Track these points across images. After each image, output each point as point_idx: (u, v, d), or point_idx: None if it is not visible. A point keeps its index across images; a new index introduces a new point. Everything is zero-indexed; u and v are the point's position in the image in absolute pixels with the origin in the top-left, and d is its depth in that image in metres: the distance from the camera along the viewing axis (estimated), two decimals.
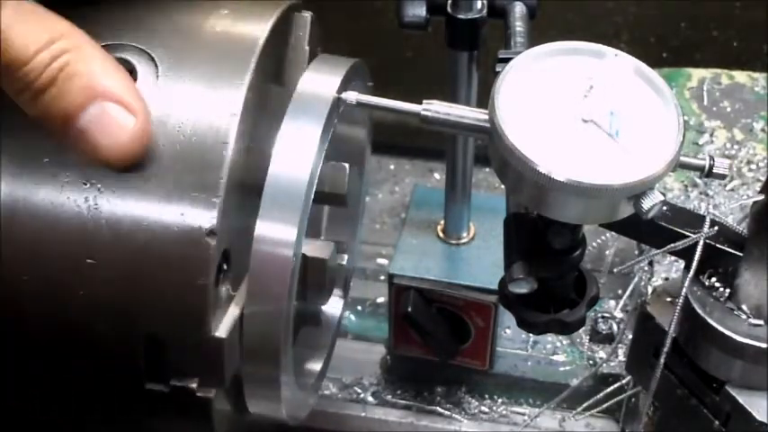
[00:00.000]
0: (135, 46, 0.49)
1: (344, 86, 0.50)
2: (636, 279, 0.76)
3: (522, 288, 0.51)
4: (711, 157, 0.48)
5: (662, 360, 0.53)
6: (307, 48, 0.54)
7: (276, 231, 0.47)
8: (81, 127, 0.43)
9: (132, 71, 0.48)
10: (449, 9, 0.59)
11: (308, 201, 0.47)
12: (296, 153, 0.48)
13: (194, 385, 0.48)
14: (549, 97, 0.47)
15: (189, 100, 0.48)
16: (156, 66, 0.48)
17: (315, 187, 0.48)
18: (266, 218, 0.47)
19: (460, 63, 0.62)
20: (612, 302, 0.78)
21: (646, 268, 0.73)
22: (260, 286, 0.47)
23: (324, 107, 0.49)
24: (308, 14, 0.54)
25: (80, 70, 0.42)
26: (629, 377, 0.66)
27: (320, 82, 0.50)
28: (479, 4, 0.59)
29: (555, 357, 0.76)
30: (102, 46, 0.46)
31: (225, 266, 0.48)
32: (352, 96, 0.50)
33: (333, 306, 0.65)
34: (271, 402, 0.51)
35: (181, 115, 0.47)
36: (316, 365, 0.63)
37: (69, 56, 0.42)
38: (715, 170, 0.48)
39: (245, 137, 0.48)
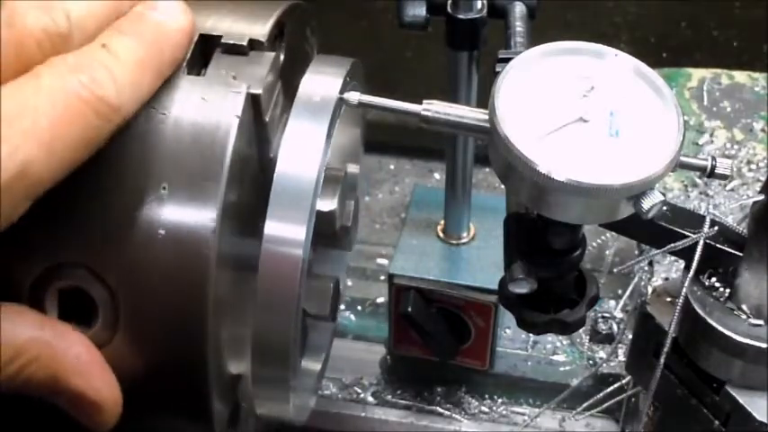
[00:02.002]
0: (90, 271, 0.46)
1: (345, 87, 0.50)
2: (636, 279, 0.76)
3: (522, 288, 0.51)
4: (713, 158, 0.48)
5: (662, 360, 0.53)
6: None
7: (285, 231, 0.47)
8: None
9: (92, 302, 0.46)
10: (449, 9, 0.59)
11: (315, 201, 0.47)
12: (302, 154, 0.48)
13: None
14: (549, 97, 0.47)
15: None
16: (112, 294, 0.46)
17: (320, 188, 0.48)
18: (275, 218, 0.47)
19: (460, 63, 0.62)
20: (612, 302, 0.78)
21: (646, 268, 0.73)
22: (270, 286, 0.47)
23: (327, 108, 0.49)
24: (270, 55, 0.49)
25: (45, 378, 0.44)
26: (629, 377, 0.66)
27: (322, 83, 0.50)
28: (479, 4, 0.59)
29: (555, 357, 0.76)
30: (50, 267, 0.46)
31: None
32: (354, 97, 0.50)
33: None
34: (279, 403, 0.51)
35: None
36: (315, 365, 0.63)
37: (33, 367, 0.43)
38: (717, 171, 0.48)
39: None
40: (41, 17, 0.43)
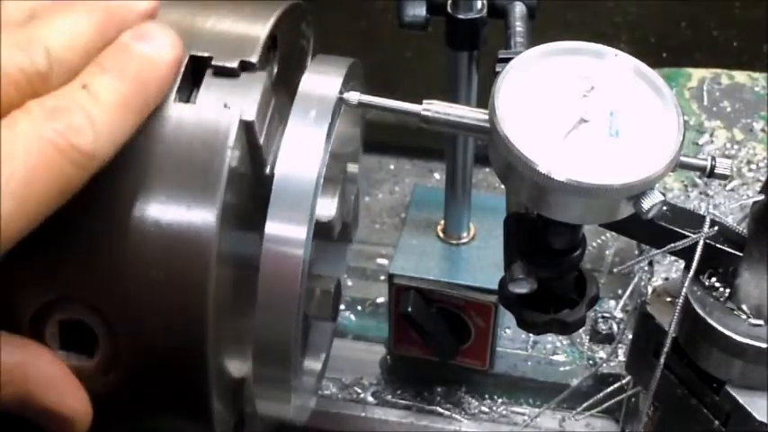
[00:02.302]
0: (87, 303, 0.46)
1: (345, 87, 0.50)
2: (636, 279, 0.76)
3: (522, 288, 0.51)
4: (713, 158, 0.48)
5: (662, 360, 0.53)
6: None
7: (286, 231, 0.47)
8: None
9: (92, 332, 0.47)
10: (449, 9, 0.59)
11: (315, 201, 0.47)
12: (303, 154, 0.48)
13: None
14: (549, 97, 0.47)
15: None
16: (110, 327, 0.46)
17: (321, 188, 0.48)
18: (276, 218, 0.47)
19: (460, 63, 0.62)
20: (612, 302, 0.78)
21: (646, 268, 0.73)
22: (271, 286, 0.47)
23: (327, 108, 0.49)
24: (263, 74, 0.48)
25: (19, 395, 0.45)
26: (629, 377, 0.66)
27: (322, 83, 0.50)
28: (479, 4, 0.59)
29: (555, 357, 0.76)
30: (49, 302, 0.46)
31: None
32: (354, 97, 0.50)
33: None
34: (279, 403, 0.52)
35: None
36: (315, 365, 0.63)
37: (8, 387, 0.44)
38: (717, 171, 0.48)
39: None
40: (18, 56, 0.41)
